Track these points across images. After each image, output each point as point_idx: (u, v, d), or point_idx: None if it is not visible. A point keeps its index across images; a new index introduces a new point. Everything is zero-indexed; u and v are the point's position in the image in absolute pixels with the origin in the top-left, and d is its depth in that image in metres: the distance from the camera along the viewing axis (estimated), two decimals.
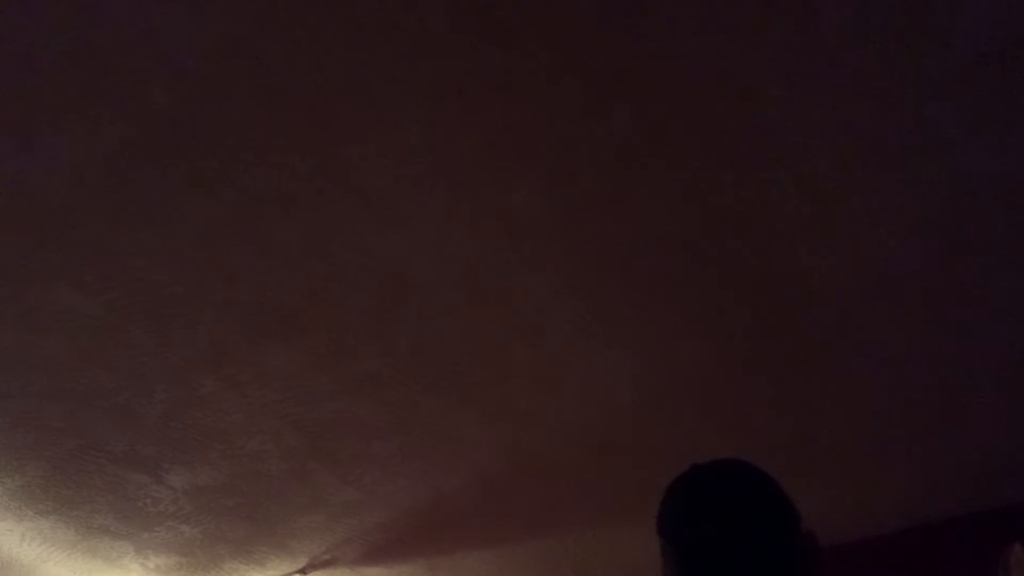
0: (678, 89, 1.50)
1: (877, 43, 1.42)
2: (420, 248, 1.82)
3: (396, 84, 1.48)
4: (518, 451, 2.47)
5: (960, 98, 1.51)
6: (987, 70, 1.46)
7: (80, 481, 2.59)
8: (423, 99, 1.51)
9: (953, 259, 1.85)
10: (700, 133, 1.58)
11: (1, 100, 1.49)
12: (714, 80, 1.48)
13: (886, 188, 1.68)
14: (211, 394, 2.23)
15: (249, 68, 1.45)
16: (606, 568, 3.10)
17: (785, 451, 2.37)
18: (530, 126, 1.56)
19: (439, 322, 2.01)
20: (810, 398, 2.25)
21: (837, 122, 1.55)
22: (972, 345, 2.08)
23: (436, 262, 1.85)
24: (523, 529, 2.92)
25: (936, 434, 2.38)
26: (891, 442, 2.42)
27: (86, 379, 2.16)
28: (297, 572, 3.17)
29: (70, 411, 2.28)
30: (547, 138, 1.59)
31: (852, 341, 2.06)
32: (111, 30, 1.38)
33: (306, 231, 1.78)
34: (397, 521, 2.85)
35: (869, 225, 1.76)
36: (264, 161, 1.62)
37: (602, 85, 1.49)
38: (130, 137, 1.56)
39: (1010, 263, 1.85)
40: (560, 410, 2.30)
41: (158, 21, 1.37)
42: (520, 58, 1.44)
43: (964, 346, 2.08)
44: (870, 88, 1.49)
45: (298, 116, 1.54)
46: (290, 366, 2.14)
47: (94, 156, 1.60)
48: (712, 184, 1.67)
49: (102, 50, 1.41)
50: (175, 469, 2.54)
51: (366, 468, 2.56)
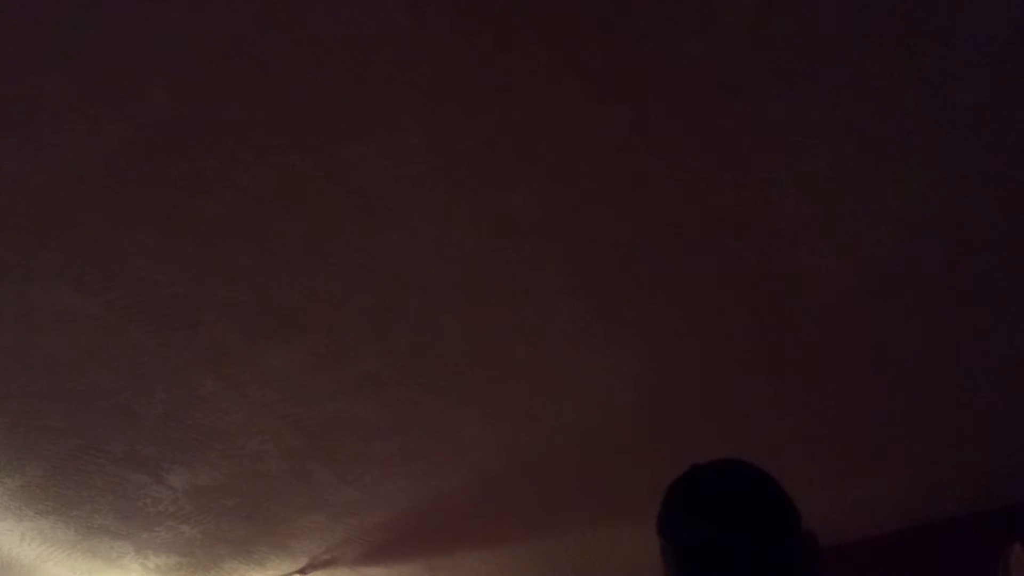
0: (678, 89, 1.50)
1: (877, 43, 1.42)
2: (420, 248, 1.82)
3: (396, 84, 1.48)
4: (518, 451, 2.47)
5: (960, 98, 1.51)
6: (987, 70, 1.46)
7: (80, 481, 2.59)
8: (423, 99, 1.51)
9: (953, 259, 1.85)
10: (700, 133, 1.58)
11: (1, 100, 1.49)
12: (714, 80, 1.48)
13: (886, 188, 1.68)
14: (211, 394, 2.23)
15: (249, 68, 1.45)
16: (606, 568, 3.10)
17: (785, 451, 2.37)
18: (530, 126, 1.56)
19: (439, 322, 2.01)
20: (810, 398, 2.25)
21: (837, 122, 1.55)
22: (972, 345, 2.08)
23: (436, 262, 1.85)
24: (523, 529, 2.92)
25: (936, 434, 2.38)
26: (891, 442, 2.42)
27: (86, 379, 2.16)
28: (297, 572, 3.16)
29: (70, 411, 2.27)
30: (547, 138, 1.59)
31: (852, 341, 2.06)
32: (111, 30, 1.38)
33: (306, 231, 1.78)
34: (397, 521, 2.85)
35: (869, 225, 1.76)
36: (264, 161, 1.62)
37: (602, 85, 1.49)
38: (130, 137, 1.56)
39: (1010, 263, 1.85)
40: (560, 410, 2.30)
41: (158, 21, 1.37)
42: (520, 58, 1.44)
43: (964, 346, 2.08)
44: (870, 88, 1.49)
45: (298, 116, 1.54)
46: (290, 366, 2.14)
47: (94, 156, 1.59)
48: (712, 184, 1.67)
49: (102, 50, 1.41)
50: (175, 469, 2.54)
51: (366, 468, 2.55)
